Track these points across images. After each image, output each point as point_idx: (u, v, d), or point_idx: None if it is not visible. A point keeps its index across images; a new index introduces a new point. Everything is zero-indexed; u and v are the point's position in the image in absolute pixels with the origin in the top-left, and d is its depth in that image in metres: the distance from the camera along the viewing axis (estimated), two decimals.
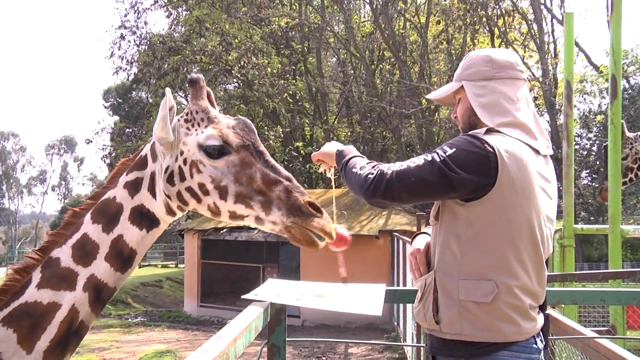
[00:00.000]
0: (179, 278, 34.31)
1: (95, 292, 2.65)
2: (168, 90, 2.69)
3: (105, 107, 59.38)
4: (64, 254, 2.67)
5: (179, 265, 42.41)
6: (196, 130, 2.75)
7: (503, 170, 2.51)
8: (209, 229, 23.51)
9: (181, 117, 2.82)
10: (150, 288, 34.12)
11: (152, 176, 2.79)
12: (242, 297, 3.18)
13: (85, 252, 2.67)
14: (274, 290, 3.37)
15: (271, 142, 28.06)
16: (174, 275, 38.39)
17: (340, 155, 2.99)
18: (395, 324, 17.52)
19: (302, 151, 29.81)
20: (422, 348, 10.05)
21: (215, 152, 2.68)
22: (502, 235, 2.55)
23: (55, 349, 2.56)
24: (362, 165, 2.73)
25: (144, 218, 2.76)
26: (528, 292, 2.61)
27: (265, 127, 30.74)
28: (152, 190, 2.78)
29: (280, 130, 29.94)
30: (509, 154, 2.54)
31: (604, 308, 9.09)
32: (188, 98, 3.15)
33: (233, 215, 2.72)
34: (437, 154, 2.54)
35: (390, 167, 2.59)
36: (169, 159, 2.75)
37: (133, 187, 2.78)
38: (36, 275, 2.63)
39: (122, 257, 2.70)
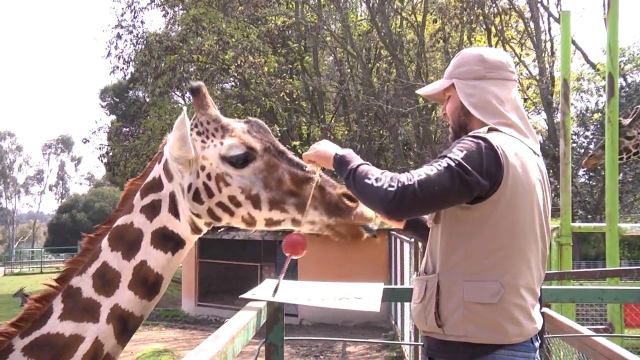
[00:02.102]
0: (177, 277, 34.26)
1: (120, 323, 2.56)
2: (184, 109, 2.57)
3: (102, 107, 59.25)
4: (84, 284, 2.58)
5: None
6: (212, 141, 2.66)
7: (508, 170, 2.51)
8: None
9: (192, 130, 2.71)
10: None
11: (172, 197, 2.69)
12: (240, 296, 3.14)
13: (106, 281, 2.58)
14: (271, 289, 3.31)
15: None
16: None
17: (342, 161, 2.75)
18: (393, 322, 17.52)
19: (299, 150, 29.73)
20: (419, 346, 10.06)
21: (239, 161, 2.60)
22: (507, 235, 2.55)
23: None
24: (377, 177, 2.52)
25: (168, 240, 2.67)
26: (531, 291, 2.63)
27: None
28: (173, 211, 2.67)
29: (278, 129, 29.90)
30: (513, 154, 2.55)
31: (602, 306, 9.10)
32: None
33: (269, 222, 2.66)
34: (450, 158, 2.48)
35: (410, 178, 2.45)
36: (188, 176, 2.65)
37: (150, 211, 2.67)
38: (57, 306, 2.55)
39: (147, 284, 2.62)
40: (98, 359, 2.52)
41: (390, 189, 2.42)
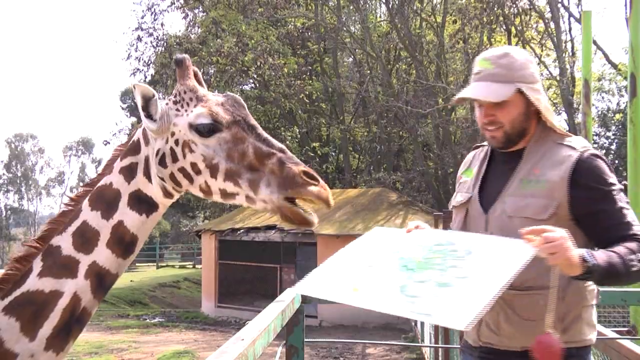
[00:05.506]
0: (197, 278, 34.42)
1: (97, 279, 2.63)
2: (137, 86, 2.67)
3: (123, 109, 59.74)
4: (64, 242, 2.65)
5: (197, 266, 42.56)
6: (186, 110, 2.70)
7: None
8: (226, 230, 23.60)
9: (170, 99, 2.78)
10: (168, 289, 34.28)
11: (147, 160, 2.76)
12: (296, 292, 3.04)
13: (85, 239, 2.65)
14: (328, 277, 2.79)
15: (288, 142, 28.05)
16: (192, 275, 38.52)
17: (605, 273, 2.34)
18: (413, 324, 17.47)
19: (318, 151, 29.80)
20: (439, 349, 10.03)
21: (206, 130, 2.62)
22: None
23: (58, 336, 2.56)
24: None
25: (142, 203, 2.74)
26: None
27: (282, 128, 30.78)
28: (147, 175, 2.75)
29: (297, 130, 29.94)
30: None
31: (624, 308, 9.02)
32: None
33: (224, 194, 2.65)
34: (620, 191, 2.56)
35: None
36: (160, 141, 2.71)
37: (128, 173, 2.75)
38: (37, 264, 2.62)
39: (123, 243, 2.69)
40: (76, 313, 2.59)
41: None
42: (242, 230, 23.06)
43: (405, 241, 2.76)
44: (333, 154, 35.65)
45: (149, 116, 2.68)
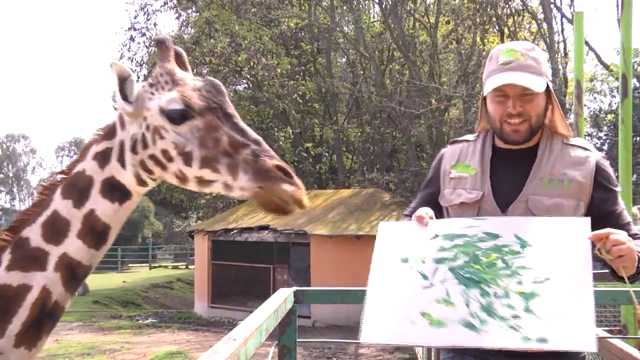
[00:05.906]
0: (190, 279, 34.38)
1: (68, 271, 2.53)
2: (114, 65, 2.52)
3: (115, 109, 59.72)
4: (33, 233, 2.54)
5: (190, 267, 42.50)
6: (160, 94, 2.55)
7: None
8: (219, 230, 23.57)
9: (147, 82, 2.64)
10: (161, 289, 34.20)
11: (121, 145, 2.61)
12: (363, 341, 2.56)
13: (56, 229, 2.54)
14: (389, 315, 2.49)
15: (281, 143, 28.07)
16: (185, 276, 38.46)
17: None
18: None
19: (312, 152, 29.78)
20: (432, 348, 10.02)
21: (177, 116, 2.47)
22: None
23: (28, 332, 2.47)
24: None
25: (115, 190, 2.60)
26: None
27: (275, 128, 30.76)
28: (121, 161, 2.60)
29: (290, 131, 29.92)
30: None
31: (616, 307, 9.05)
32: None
33: (200, 181, 2.51)
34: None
35: None
36: (134, 125, 2.57)
37: (103, 158, 2.60)
38: (5, 257, 2.51)
39: (95, 232, 2.56)
40: (47, 307, 2.50)
41: None
42: (235, 231, 23.04)
43: (435, 243, 2.60)
44: (326, 154, 35.64)
45: (125, 98, 2.55)
